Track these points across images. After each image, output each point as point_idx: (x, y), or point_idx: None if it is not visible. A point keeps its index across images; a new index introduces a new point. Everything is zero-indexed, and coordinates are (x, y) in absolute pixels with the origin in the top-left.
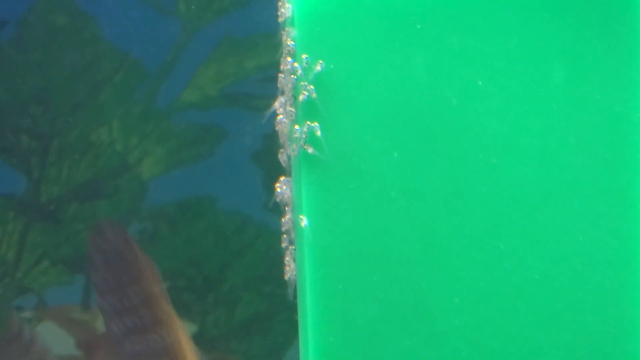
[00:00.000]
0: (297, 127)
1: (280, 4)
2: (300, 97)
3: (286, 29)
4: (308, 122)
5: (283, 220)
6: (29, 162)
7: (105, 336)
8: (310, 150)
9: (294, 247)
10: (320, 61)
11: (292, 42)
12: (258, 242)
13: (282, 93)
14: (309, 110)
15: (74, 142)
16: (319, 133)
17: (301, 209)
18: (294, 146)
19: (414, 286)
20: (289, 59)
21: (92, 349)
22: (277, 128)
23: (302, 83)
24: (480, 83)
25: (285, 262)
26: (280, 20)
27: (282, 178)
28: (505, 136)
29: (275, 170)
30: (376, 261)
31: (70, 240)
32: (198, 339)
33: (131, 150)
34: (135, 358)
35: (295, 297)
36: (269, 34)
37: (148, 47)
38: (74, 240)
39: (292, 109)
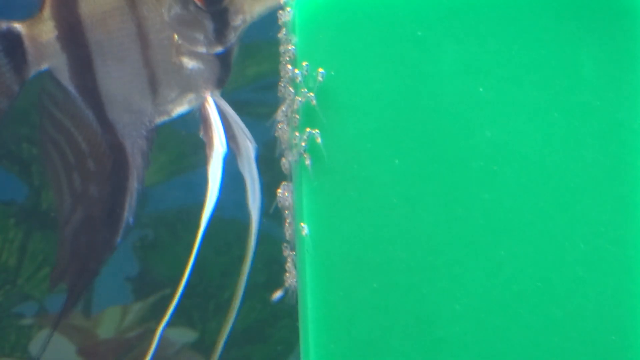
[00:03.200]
0: (297, 134)
1: (281, 11)
2: (300, 104)
3: (287, 35)
4: (308, 129)
5: (286, 226)
6: (29, 170)
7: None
8: (307, 162)
9: (294, 254)
10: (321, 69)
11: (293, 48)
12: (259, 250)
13: (283, 100)
14: (310, 117)
15: None
16: (319, 140)
17: (302, 216)
18: (295, 153)
19: (415, 293)
20: (289, 66)
21: (93, 355)
22: (277, 135)
23: (302, 90)
24: (481, 90)
25: (286, 269)
26: (281, 27)
27: (283, 183)
28: (506, 143)
29: (276, 178)
30: (377, 268)
31: None
32: (199, 346)
33: None
34: None
35: (296, 304)
36: (270, 41)
37: None
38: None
39: (293, 116)
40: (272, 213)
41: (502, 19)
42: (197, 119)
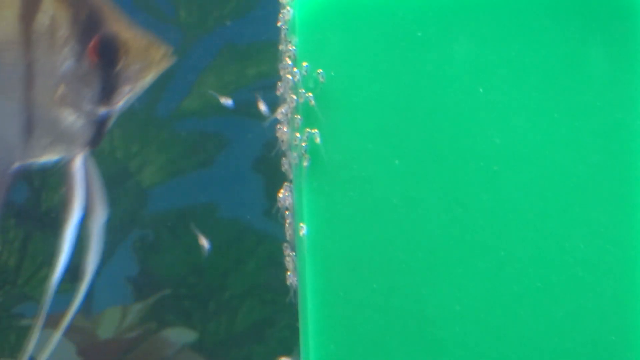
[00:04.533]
0: (297, 134)
1: (281, 11)
2: (300, 105)
3: (287, 36)
4: (308, 130)
5: (286, 226)
6: (29, 170)
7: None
8: (305, 163)
9: (295, 254)
10: (320, 70)
11: (293, 48)
12: (259, 250)
13: (283, 101)
14: (310, 117)
15: None
16: (318, 140)
17: (302, 216)
18: (295, 154)
19: (415, 293)
20: (290, 62)
21: (93, 355)
22: (277, 135)
23: (301, 90)
24: (481, 90)
25: (287, 269)
26: (281, 27)
27: (285, 184)
28: (506, 143)
29: (275, 178)
30: (377, 268)
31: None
32: (199, 347)
33: (132, 158)
34: None
35: (296, 304)
36: (270, 42)
37: None
38: (75, 248)
39: (293, 117)
40: (272, 213)
41: (502, 20)
42: (196, 119)
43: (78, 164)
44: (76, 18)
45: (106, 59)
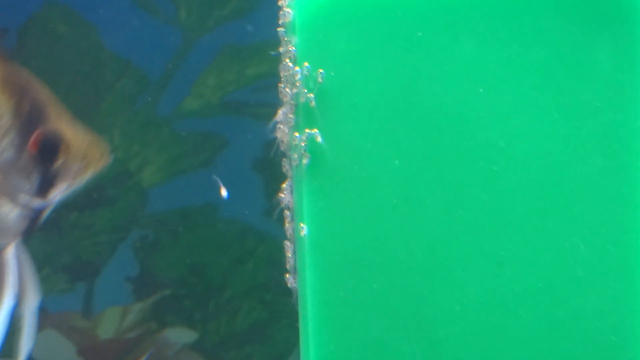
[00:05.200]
0: (297, 134)
1: (281, 11)
2: (300, 105)
3: (287, 36)
4: (308, 130)
5: (286, 226)
6: None
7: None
8: (305, 161)
9: (295, 254)
10: (321, 70)
11: (293, 49)
12: (259, 250)
13: (283, 101)
14: (310, 117)
15: None
16: (319, 139)
17: (302, 216)
18: (295, 154)
19: (415, 294)
20: (290, 64)
21: (93, 356)
22: (278, 136)
23: (302, 90)
24: (481, 90)
25: (287, 270)
26: (281, 27)
27: (285, 184)
28: (506, 143)
29: (275, 178)
30: (377, 268)
31: (71, 248)
32: (199, 347)
33: (132, 158)
34: None
35: (296, 304)
36: (270, 42)
37: (149, 55)
38: (75, 248)
39: (293, 117)
40: (272, 213)
41: (502, 20)
42: (196, 119)
43: (11, 253)
44: (18, 110)
45: (46, 154)
